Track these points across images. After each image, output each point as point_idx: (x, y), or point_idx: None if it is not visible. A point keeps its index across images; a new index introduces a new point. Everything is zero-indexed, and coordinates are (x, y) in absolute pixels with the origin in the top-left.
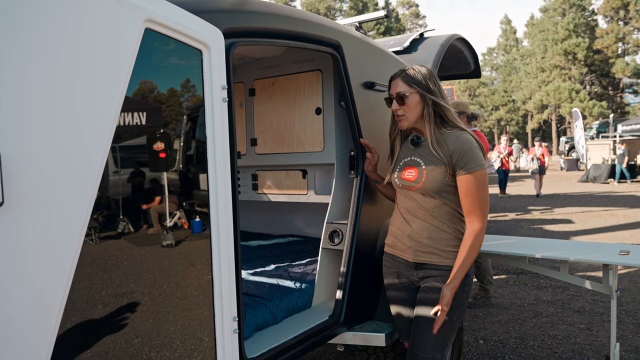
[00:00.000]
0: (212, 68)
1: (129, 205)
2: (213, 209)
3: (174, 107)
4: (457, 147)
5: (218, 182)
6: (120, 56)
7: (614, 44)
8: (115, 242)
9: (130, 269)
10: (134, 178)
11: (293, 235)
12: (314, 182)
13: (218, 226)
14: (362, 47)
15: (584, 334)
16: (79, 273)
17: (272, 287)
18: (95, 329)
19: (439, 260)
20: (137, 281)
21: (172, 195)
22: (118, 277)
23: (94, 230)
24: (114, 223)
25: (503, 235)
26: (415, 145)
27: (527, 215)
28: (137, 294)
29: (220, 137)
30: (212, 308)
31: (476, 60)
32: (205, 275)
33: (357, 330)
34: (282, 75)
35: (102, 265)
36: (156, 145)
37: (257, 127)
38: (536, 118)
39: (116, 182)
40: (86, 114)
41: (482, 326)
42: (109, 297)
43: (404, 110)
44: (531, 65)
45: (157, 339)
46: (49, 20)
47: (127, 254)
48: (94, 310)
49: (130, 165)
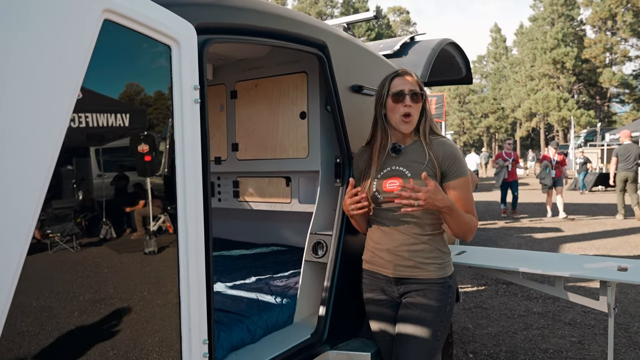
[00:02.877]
0: (182, 66)
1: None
2: (181, 221)
3: (138, 107)
4: (447, 153)
5: (187, 193)
6: (73, 49)
7: (601, 53)
8: (97, 248)
9: (106, 276)
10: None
11: (277, 245)
12: (298, 190)
13: (187, 239)
14: (350, 48)
15: (575, 348)
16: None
17: (250, 303)
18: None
19: (420, 274)
20: (95, 291)
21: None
22: (95, 284)
23: (75, 236)
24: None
25: (494, 248)
26: (397, 153)
27: (516, 224)
28: (90, 308)
29: (190, 142)
30: (179, 330)
31: (468, 66)
32: (172, 291)
33: (342, 348)
34: (266, 77)
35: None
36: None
37: (239, 132)
38: (525, 126)
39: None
40: (31, 108)
41: (471, 339)
42: (52, 307)
43: (415, 109)
44: (520, 73)
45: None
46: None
47: (106, 260)
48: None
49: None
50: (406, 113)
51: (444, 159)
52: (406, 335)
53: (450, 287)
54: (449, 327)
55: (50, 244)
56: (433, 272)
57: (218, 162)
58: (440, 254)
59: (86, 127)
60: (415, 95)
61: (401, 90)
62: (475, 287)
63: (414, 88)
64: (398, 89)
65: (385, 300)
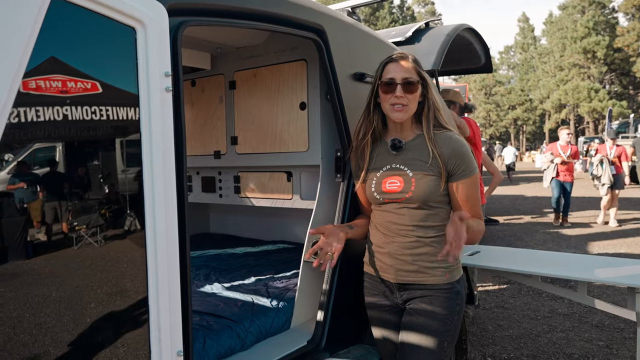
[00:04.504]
0: (149, 50)
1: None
2: (149, 220)
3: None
4: (454, 150)
5: (156, 190)
6: (13, 31)
7: (635, 42)
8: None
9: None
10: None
11: (285, 242)
12: (300, 185)
13: (155, 239)
14: (351, 33)
15: (603, 353)
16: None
17: (244, 306)
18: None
19: (425, 279)
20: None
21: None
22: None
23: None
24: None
25: (511, 248)
26: (397, 150)
27: (542, 219)
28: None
29: (159, 135)
30: (148, 342)
31: (487, 53)
32: (139, 296)
33: (342, 356)
34: (265, 66)
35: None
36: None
37: (238, 124)
38: (554, 118)
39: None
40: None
41: (490, 341)
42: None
43: (409, 99)
44: (549, 63)
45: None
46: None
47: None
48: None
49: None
50: (395, 103)
51: (450, 157)
52: (409, 345)
53: (459, 293)
54: (457, 336)
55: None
56: (439, 277)
57: (217, 157)
58: (447, 257)
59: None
60: (408, 84)
61: (391, 78)
62: (496, 285)
63: (408, 76)
64: (388, 77)
65: (388, 306)
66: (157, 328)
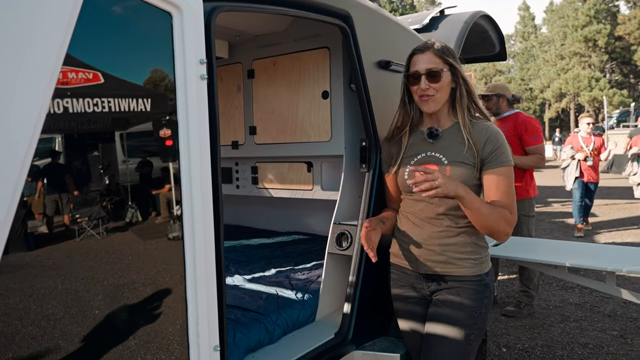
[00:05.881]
0: (186, 37)
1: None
2: (187, 212)
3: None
4: (490, 139)
5: (193, 181)
6: (52, 19)
7: (636, 30)
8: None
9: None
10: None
11: (299, 233)
12: (320, 176)
13: (193, 230)
14: (377, 19)
15: (617, 343)
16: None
17: (269, 299)
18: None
19: (453, 270)
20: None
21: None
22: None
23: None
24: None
25: (534, 238)
26: (434, 139)
27: (547, 208)
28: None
29: (196, 123)
30: (187, 336)
31: (502, 41)
32: (177, 294)
33: (368, 348)
34: (285, 55)
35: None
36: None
37: (257, 114)
38: (554, 107)
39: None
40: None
41: (504, 331)
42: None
43: (435, 89)
44: (550, 52)
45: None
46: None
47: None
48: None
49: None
50: (422, 95)
51: (486, 144)
52: (435, 337)
53: (487, 286)
54: (484, 330)
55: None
56: (467, 269)
57: (235, 147)
58: (477, 249)
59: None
60: (432, 74)
61: (416, 71)
62: (506, 275)
63: (432, 66)
64: (413, 70)
65: (415, 298)
66: (195, 322)
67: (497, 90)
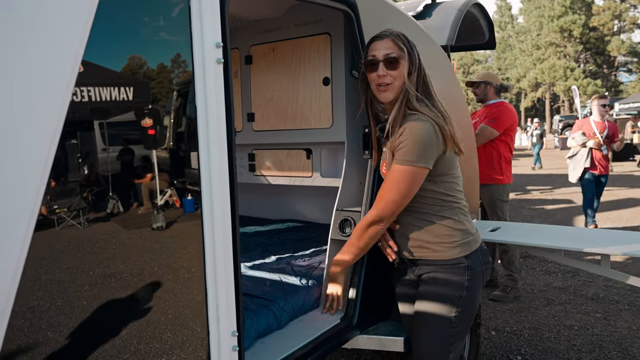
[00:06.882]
0: (204, 20)
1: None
2: (206, 198)
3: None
4: (402, 135)
5: (212, 167)
6: (74, 6)
7: (610, 21)
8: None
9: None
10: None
11: (293, 220)
12: (320, 163)
13: (212, 217)
14: (381, 6)
15: (601, 324)
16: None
17: (274, 285)
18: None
19: (429, 254)
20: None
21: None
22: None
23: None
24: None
25: (529, 224)
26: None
27: (526, 196)
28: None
29: (214, 108)
30: (207, 323)
31: (491, 29)
32: (196, 281)
33: (372, 332)
34: (284, 40)
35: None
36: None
37: (255, 100)
38: (530, 96)
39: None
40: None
41: (492, 315)
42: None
43: (393, 77)
44: (526, 42)
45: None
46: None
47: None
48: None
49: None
50: (379, 83)
51: (398, 139)
52: (419, 319)
53: (469, 269)
54: (471, 313)
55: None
56: (442, 252)
57: None
58: (452, 232)
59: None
60: (391, 61)
61: (373, 56)
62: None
63: (390, 52)
64: (370, 56)
65: (408, 281)
66: (215, 307)
67: (486, 78)
